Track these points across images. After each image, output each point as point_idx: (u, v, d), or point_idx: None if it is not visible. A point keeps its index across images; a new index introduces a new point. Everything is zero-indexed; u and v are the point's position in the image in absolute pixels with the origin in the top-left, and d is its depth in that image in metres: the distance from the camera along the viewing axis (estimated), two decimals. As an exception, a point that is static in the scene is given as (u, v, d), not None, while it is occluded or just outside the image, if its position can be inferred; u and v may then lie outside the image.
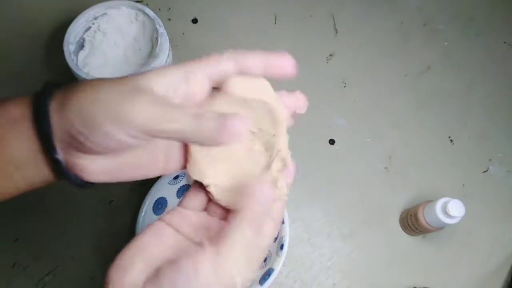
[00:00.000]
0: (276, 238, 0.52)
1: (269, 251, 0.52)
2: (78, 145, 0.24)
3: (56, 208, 0.56)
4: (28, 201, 0.56)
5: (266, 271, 0.50)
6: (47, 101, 0.25)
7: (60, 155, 0.25)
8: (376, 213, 0.60)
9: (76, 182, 0.26)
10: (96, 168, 0.26)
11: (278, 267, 0.49)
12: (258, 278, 0.50)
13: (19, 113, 0.25)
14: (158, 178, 0.54)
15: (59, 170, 0.25)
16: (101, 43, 0.54)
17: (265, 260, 0.52)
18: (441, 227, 0.53)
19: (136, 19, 0.55)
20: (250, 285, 0.49)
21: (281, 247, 0.50)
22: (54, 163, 0.25)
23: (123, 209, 0.57)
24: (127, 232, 0.55)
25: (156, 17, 0.52)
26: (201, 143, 0.24)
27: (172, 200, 0.54)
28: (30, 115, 0.25)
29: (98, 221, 0.56)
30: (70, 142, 0.24)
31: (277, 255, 0.50)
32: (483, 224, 0.60)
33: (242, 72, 0.27)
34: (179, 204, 0.28)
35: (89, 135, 0.23)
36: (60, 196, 0.57)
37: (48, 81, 0.26)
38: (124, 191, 0.57)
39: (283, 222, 0.51)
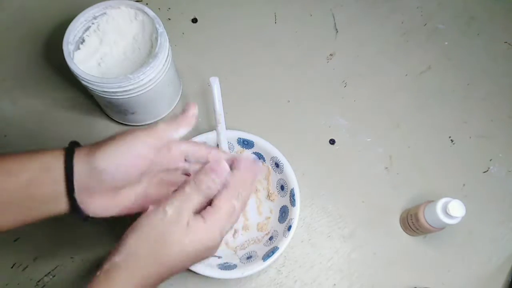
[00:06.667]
0: (285, 220, 0.53)
1: (276, 231, 0.54)
2: (94, 186, 0.36)
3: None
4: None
5: (271, 249, 0.51)
6: (73, 158, 0.36)
7: (77, 195, 0.36)
8: (376, 213, 0.60)
9: (82, 215, 0.38)
10: (97, 207, 0.38)
11: (283, 246, 0.50)
12: (262, 255, 0.51)
13: (52, 163, 0.36)
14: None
15: (73, 206, 0.37)
16: (101, 42, 0.54)
17: (270, 239, 0.53)
18: (442, 227, 0.53)
19: (136, 19, 0.54)
20: (253, 261, 0.50)
21: (289, 228, 0.51)
22: (72, 200, 0.36)
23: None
24: (126, 232, 0.55)
25: (156, 17, 0.52)
26: None
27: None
28: (61, 166, 0.36)
29: (97, 221, 0.56)
30: (86, 185, 0.36)
31: (284, 235, 0.51)
32: (484, 224, 0.60)
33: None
34: None
35: (115, 174, 0.36)
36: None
37: (73, 141, 0.39)
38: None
39: (294, 205, 0.53)
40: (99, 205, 0.38)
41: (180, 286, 0.54)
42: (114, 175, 0.36)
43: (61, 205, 0.37)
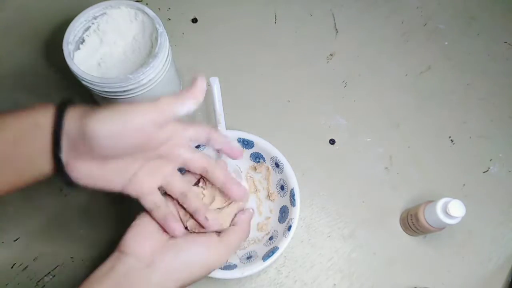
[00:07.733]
0: (285, 220, 0.53)
1: (276, 231, 0.54)
2: (83, 149, 0.34)
3: (55, 209, 0.56)
4: (28, 201, 0.56)
5: (271, 249, 0.51)
6: (64, 116, 0.33)
7: (63, 154, 0.34)
8: (376, 213, 0.60)
9: (66, 179, 0.35)
10: (82, 172, 0.35)
11: (283, 246, 0.50)
12: (262, 255, 0.50)
13: (42, 120, 0.33)
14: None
15: (58, 166, 0.34)
16: (101, 42, 0.54)
17: (270, 239, 0.53)
18: (442, 227, 0.53)
19: (136, 19, 0.54)
20: (253, 261, 0.51)
21: (289, 228, 0.51)
22: (57, 160, 0.34)
23: (123, 210, 0.57)
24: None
25: (156, 17, 0.52)
26: None
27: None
28: (51, 123, 0.33)
29: (97, 221, 0.56)
30: (75, 147, 0.34)
31: (284, 235, 0.51)
32: (484, 224, 0.60)
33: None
34: None
35: (107, 141, 0.33)
36: (60, 196, 0.57)
37: (65, 98, 0.36)
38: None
39: (294, 205, 0.53)
40: (85, 171, 0.35)
41: (180, 286, 0.54)
42: (106, 143, 0.33)
43: (47, 165, 0.34)
